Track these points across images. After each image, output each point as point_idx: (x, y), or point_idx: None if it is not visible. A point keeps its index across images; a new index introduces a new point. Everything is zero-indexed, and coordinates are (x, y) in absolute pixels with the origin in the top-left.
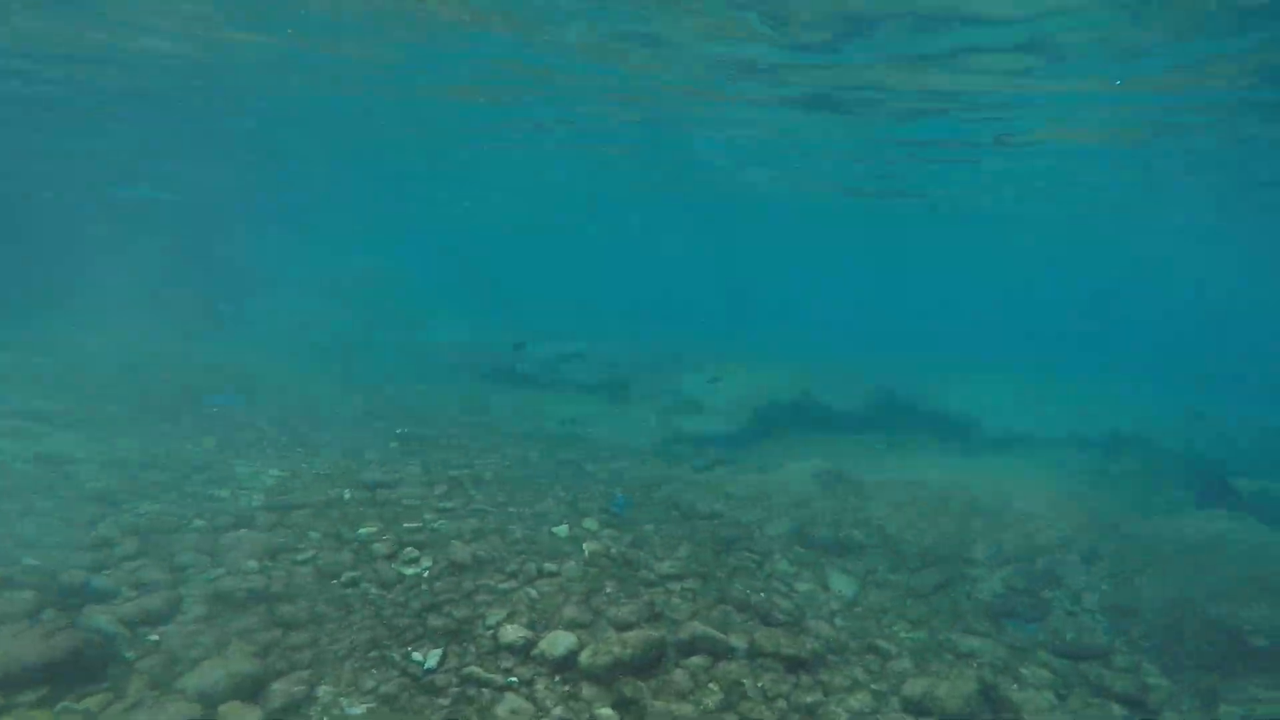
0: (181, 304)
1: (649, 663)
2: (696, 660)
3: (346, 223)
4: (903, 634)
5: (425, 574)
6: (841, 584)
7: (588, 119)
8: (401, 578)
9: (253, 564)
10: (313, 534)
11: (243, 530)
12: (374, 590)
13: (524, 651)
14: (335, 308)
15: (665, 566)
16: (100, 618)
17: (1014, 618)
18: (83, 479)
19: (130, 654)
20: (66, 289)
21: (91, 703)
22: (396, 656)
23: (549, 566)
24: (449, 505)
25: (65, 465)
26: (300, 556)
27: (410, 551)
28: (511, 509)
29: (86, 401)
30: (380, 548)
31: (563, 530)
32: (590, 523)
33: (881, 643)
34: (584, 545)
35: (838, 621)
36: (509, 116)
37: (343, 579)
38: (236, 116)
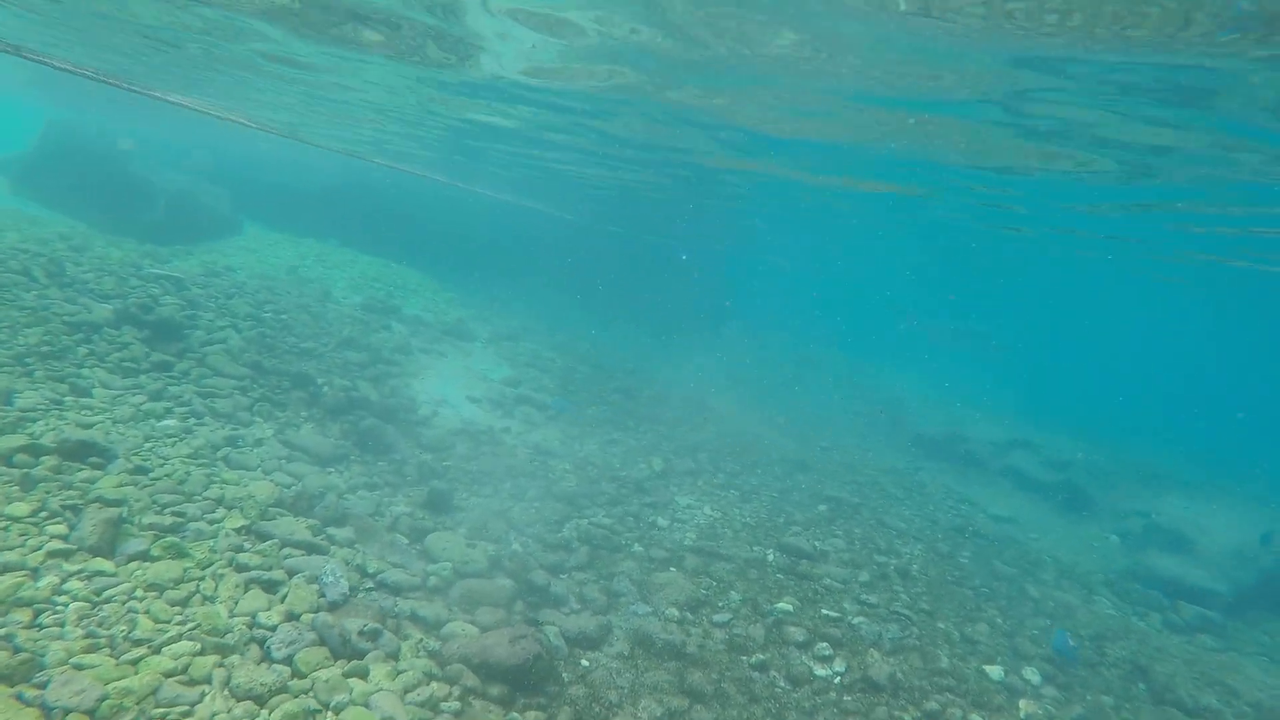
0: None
1: None
2: None
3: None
4: None
5: (836, 680)
6: None
7: None
8: (811, 677)
9: (674, 612)
10: (733, 594)
11: (671, 570)
12: (781, 683)
13: None
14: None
15: None
16: (550, 629)
17: None
18: (557, 475)
19: (566, 675)
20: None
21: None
22: None
23: None
24: (871, 600)
25: (548, 459)
26: (718, 618)
27: (824, 648)
28: (939, 623)
29: (574, 400)
30: (795, 633)
31: (996, 672)
32: (1031, 673)
33: None
34: (1020, 703)
35: None
36: None
37: (753, 660)
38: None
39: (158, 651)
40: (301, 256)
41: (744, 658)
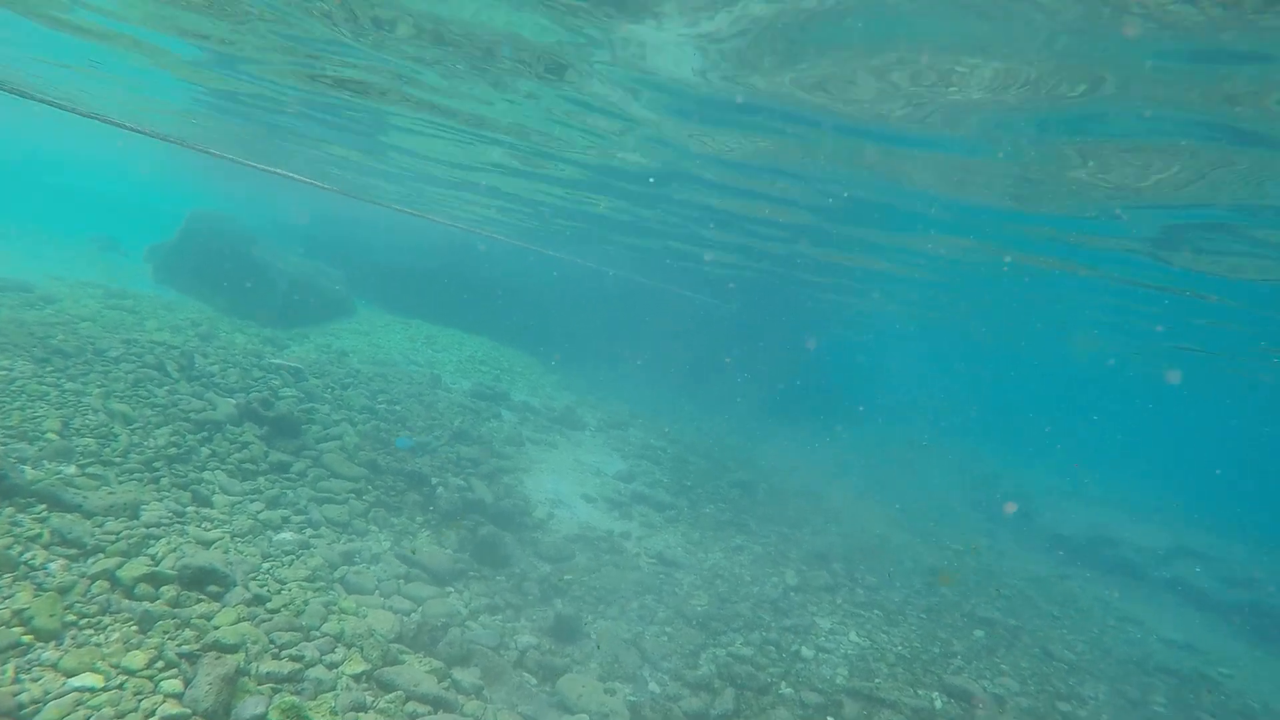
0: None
1: None
2: None
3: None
4: None
5: None
6: None
7: None
8: None
9: None
10: None
11: None
12: None
13: None
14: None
15: None
16: None
17: None
18: (685, 592)
19: None
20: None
21: None
22: None
23: None
24: None
25: (673, 570)
26: None
27: None
28: None
29: (691, 498)
30: None
31: None
32: None
33: None
34: None
35: None
36: None
37: None
38: None
39: None
40: (411, 339)
41: None
